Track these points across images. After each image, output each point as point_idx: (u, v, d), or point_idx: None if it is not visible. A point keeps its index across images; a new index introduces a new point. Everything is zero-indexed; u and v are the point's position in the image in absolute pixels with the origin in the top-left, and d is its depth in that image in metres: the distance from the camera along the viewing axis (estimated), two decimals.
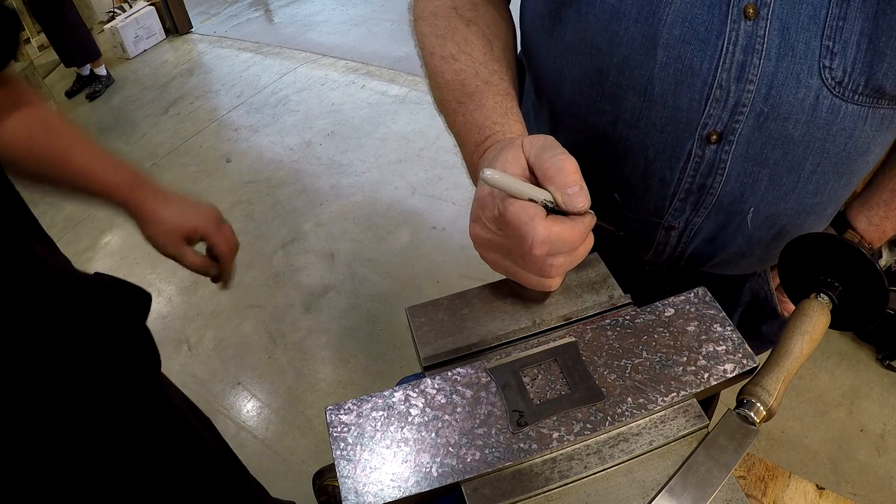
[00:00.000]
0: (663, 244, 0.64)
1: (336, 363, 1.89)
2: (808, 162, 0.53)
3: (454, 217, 2.32)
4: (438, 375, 0.47)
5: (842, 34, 0.47)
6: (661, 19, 0.49)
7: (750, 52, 0.48)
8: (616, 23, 0.51)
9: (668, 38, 0.50)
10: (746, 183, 0.55)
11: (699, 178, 0.56)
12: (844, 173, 0.56)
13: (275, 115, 3.05)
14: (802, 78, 0.48)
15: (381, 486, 0.41)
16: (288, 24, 4.11)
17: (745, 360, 0.47)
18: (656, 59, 0.50)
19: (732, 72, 0.49)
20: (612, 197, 0.62)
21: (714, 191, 0.56)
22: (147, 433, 0.75)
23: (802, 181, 0.55)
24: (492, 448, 0.42)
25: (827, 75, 0.48)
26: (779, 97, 0.49)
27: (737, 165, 0.54)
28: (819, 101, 0.49)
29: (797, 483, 0.56)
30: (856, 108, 0.50)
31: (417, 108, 2.95)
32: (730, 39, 0.48)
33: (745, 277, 0.71)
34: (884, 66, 0.47)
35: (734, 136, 0.52)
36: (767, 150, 0.53)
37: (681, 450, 0.43)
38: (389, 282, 2.11)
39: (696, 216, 0.59)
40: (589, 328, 0.50)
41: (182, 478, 0.83)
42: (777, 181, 0.55)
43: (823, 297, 0.51)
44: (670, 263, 0.67)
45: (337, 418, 0.45)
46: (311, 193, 2.51)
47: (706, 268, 0.66)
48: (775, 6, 0.47)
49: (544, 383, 0.46)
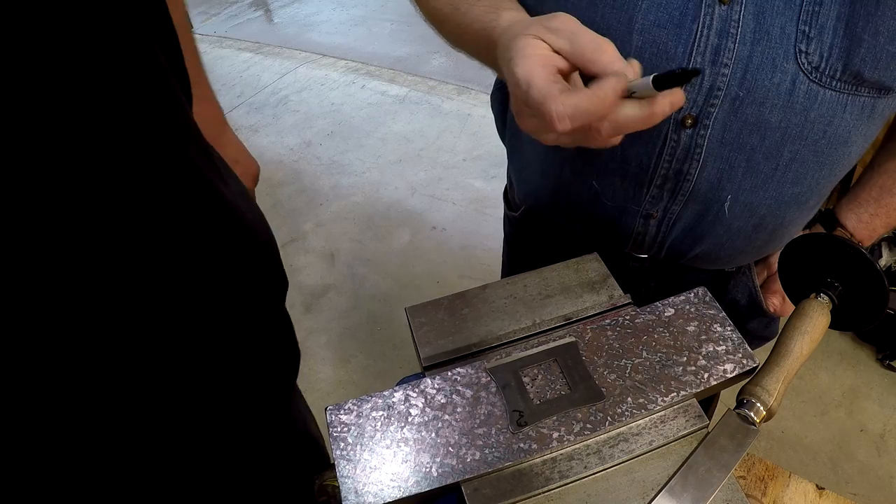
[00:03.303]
0: (642, 234, 0.64)
1: (336, 363, 1.89)
2: (786, 149, 0.53)
3: (454, 217, 2.32)
4: (438, 375, 0.47)
5: (818, 19, 0.47)
6: (636, 4, 0.50)
7: (724, 35, 0.49)
8: (593, 9, 0.52)
9: (643, 22, 0.50)
10: (723, 169, 0.55)
11: (675, 164, 0.56)
12: (825, 163, 0.56)
13: (275, 115, 3.05)
14: (778, 62, 0.48)
15: (381, 486, 0.41)
16: (288, 24, 4.11)
17: (745, 360, 0.47)
18: (632, 44, 0.51)
19: (707, 55, 0.49)
20: (591, 185, 0.63)
21: (690, 177, 0.56)
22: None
23: (781, 169, 0.55)
24: (492, 448, 0.42)
25: (803, 60, 0.48)
26: (754, 81, 0.49)
27: (713, 150, 0.54)
28: (796, 87, 0.49)
29: (797, 483, 0.56)
30: (834, 94, 0.50)
31: (417, 108, 2.95)
32: (704, 23, 0.49)
33: (730, 275, 0.71)
34: (861, 51, 0.47)
35: (709, 121, 0.52)
36: (744, 136, 0.53)
37: (681, 450, 0.43)
38: (389, 282, 2.11)
39: (674, 204, 0.60)
40: (589, 328, 0.50)
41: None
42: (754, 168, 0.55)
43: (823, 297, 0.51)
44: (651, 255, 0.68)
45: (337, 418, 0.45)
46: (311, 193, 2.51)
47: (687, 261, 0.66)
48: None
49: (544, 383, 0.46)
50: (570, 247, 0.66)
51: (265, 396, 0.69)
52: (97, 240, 0.44)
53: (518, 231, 0.84)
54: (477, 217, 2.31)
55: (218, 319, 0.58)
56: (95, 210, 0.44)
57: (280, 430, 0.77)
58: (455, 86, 3.05)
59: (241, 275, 0.61)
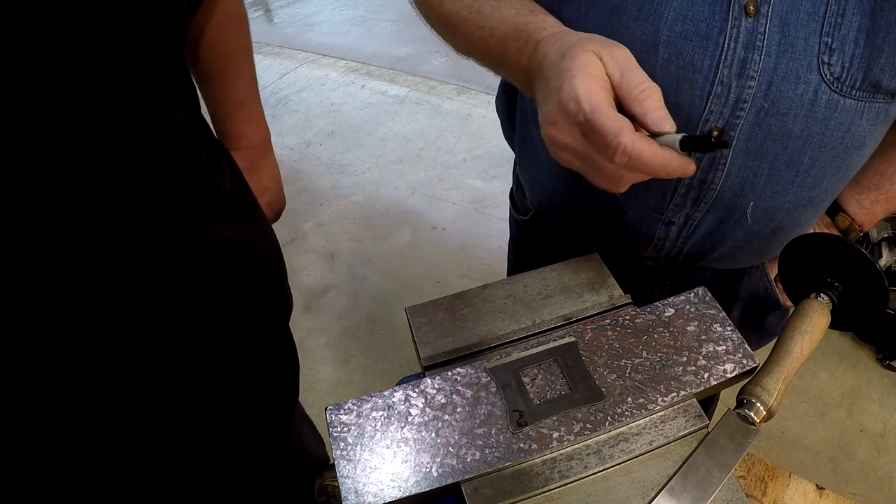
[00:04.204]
0: (663, 240, 0.65)
1: (336, 363, 1.89)
2: (806, 156, 0.54)
3: (454, 217, 2.32)
4: (438, 375, 0.47)
5: (840, 30, 0.47)
6: (662, 16, 0.50)
7: (751, 48, 0.49)
8: (616, 20, 0.51)
9: (669, 35, 0.50)
10: (746, 178, 0.56)
11: (699, 174, 0.56)
12: (841, 167, 0.56)
13: (275, 115, 3.04)
14: (802, 74, 0.49)
15: (381, 486, 0.41)
16: (288, 24, 4.11)
17: (745, 360, 0.47)
18: (657, 57, 0.51)
19: (734, 68, 0.49)
20: (612, 194, 0.62)
21: (714, 186, 0.57)
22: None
23: (801, 175, 0.55)
24: (492, 448, 0.42)
25: (825, 71, 0.49)
26: (779, 93, 0.50)
27: (737, 161, 0.54)
28: (818, 96, 0.50)
29: (797, 483, 0.56)
30: (853, 102, 0.50)
31: (417, 108, 2.94)
32: (731, 36, 0.49)
33: (744, 271, 0.72)
34: (881, 61, 0.48)
35: (735, 132, 0.53)
36: (767, 145, 0.53)
37: (681, 450, 0.43)
38: (389, 282, 2.11)
39: (697, 211, 0.60)
40: (589, 328, 0.50)
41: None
42: (776, 175, 0.55)
43: (823, 297, 0.51)
44: (669, 259, 0.68)
45: (337, 418, 0.45)
46: (311, 193, 2.51)
47: (705, 262, 0.67)
48: (775, 3, 0.48)
49: (544, 383, 0.46)
50: (581, 249, 0.66)
51: (266, 415, 0.69)
52: (104, 256, 0.45)
53: (526, 233, 0.84)
54: (477, 217, 2.31)
55: (224, 337, 0.58)
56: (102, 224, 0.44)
57: (278, 447, 0.76)
58: (455, 86, 3.05)
59: (249, 294, 0.61)
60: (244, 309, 0.61)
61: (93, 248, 0.44)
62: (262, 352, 0.66)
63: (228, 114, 0.75)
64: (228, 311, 0.58)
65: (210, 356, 0.57)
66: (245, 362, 0.62)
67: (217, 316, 0.57)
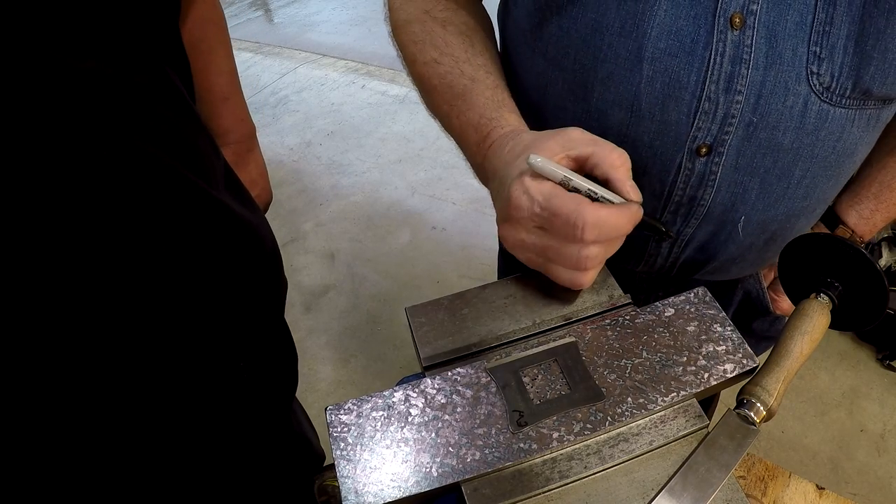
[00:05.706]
0: (654, 255, 0.64)
1: (336, 363, 1.89)
2: (797, 168, 0.53)
3: (454, 217, 2.32)
4: (438, 375, 0.47)
5: (829, 39, 0.46)
6: (645, 32, 0.48)
7: (738, 62, 0.47)
8: (599, 37, 0.50)
9: (653, 51, 0.49)
10: (737, 192, 0.55)
11: (689, 191, 0.55)
12: (833, 175, 0.56)
13: (275, 115, 3.05)
14: (791, 85, 0.48)
15: (381, 486, 0.41)
16: (288, 24, 4.11)
17: (745, 360, 0.47)
18: (642, 74, 0.50)
19: (721, 83, 0.48)
20: None
21: (705, 202, 0.56)
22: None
23: (792, 187, 0.55)
24: (492, 448, 0.42)
25: (815, 81, 0.48)
26: (767, 106, 0.49)
27: (727, 176, 0.54)
28: (807, 108, 0.49)
29: (797, 483, 0.56)
30: (843, 111, 0.49)
31: (417, 108, 2.94)
32: (717, 51, 0.47)
33: (738, 280, 0.71)
34: (871, 69, 0.47)
35: (724, 148, 0.52)
36: (757, 160, 0.52)
37: (681, 450, 0.43)
38: (389, 282, 2.11)
39: (687, 227, 0.59)
40: (589, 328, 0.50)
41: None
42: (767, 189, 0.55)
43: (823, 297, 0.51)
44: (662, 273, 0.67)
45: (337, 418, 0.45)
46: (311, 193, 2.51)
47: (699, 275, 0.66)
48: (761, 14, 0.46)
49: (544, 383, 0.46)
50: None
51: (266, 400, 0.69)
52: (100, 247, 0.45)
53: None
54: (477, 217, 2.31)
55: (220, 324, 0.58)
56: (96, 217, 0.44)
57: (278, 433, 0.77)
58: None
59: (246, 281, 0.61)
60: (243, 286, 0.61)
61: (103, 210, 0.44)
62: (261, 333, 0.66)
63: (214, 110, 0.76)
64: (230, 287, 0.58)
65: (211, 335, 0.57)
66: (244, 342, 0.62)
67: (219, 292, 0.57)
